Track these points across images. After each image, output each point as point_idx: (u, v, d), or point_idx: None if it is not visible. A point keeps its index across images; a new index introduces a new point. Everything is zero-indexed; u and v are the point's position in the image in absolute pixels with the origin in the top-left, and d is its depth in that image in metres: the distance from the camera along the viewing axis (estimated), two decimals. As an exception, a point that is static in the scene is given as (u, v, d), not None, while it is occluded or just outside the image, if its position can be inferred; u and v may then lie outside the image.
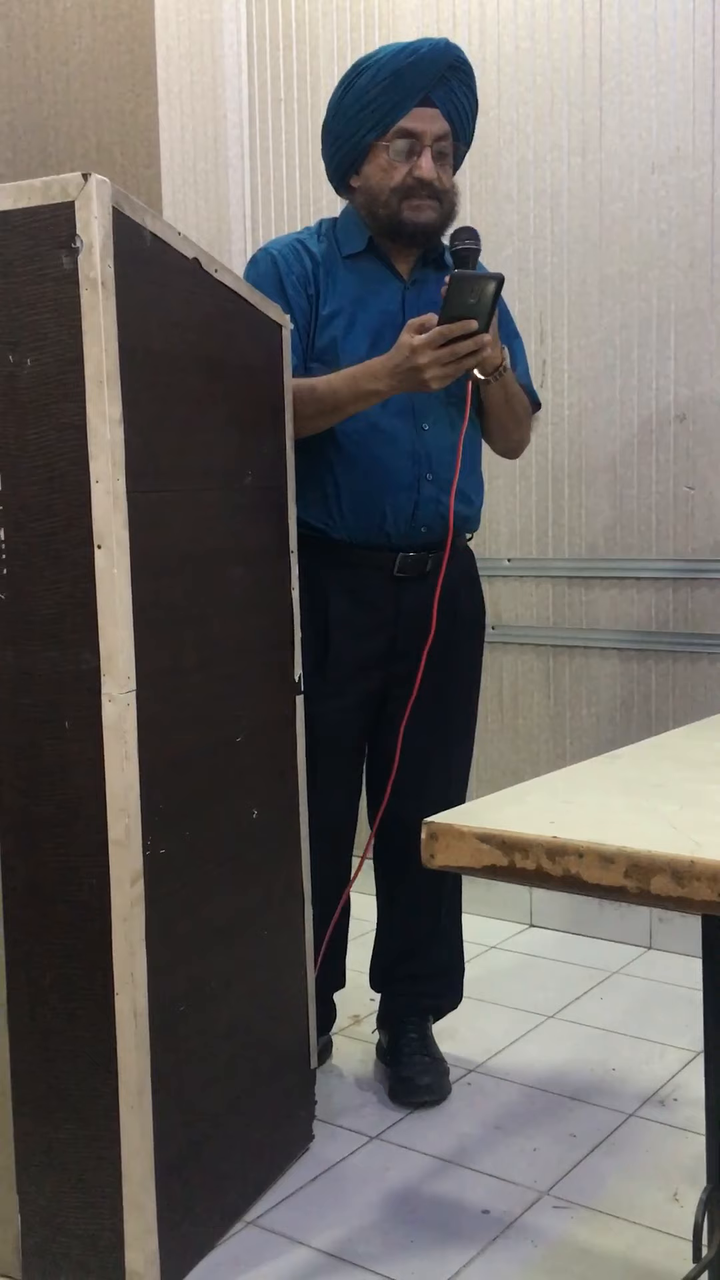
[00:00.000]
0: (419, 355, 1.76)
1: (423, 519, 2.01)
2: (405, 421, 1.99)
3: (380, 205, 1.97)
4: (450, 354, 1.75)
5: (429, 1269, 1.66)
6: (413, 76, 1.90)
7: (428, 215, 1.96)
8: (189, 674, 1.63)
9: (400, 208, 1.95)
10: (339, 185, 2.05)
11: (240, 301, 1.75)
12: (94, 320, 1.43)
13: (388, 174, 1.95)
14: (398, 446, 1.98)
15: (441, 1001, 2.26)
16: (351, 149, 1.97)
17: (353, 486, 1.99)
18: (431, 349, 1.75)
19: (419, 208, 1.95)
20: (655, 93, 2.63)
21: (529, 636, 2.88)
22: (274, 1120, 1.86)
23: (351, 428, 1.96)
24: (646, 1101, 2.09)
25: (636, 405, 2.71)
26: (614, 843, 0.98)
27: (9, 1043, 1.59)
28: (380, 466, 1.98)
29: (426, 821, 1.09)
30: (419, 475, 1.99)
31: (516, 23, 2.78)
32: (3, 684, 1.54)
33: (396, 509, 1.99)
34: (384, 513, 1.99)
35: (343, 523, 2.01)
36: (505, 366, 1.95)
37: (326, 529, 2.01)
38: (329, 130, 2.01)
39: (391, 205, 1.95)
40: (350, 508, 2.00)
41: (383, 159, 1.95)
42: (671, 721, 2.69)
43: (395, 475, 1.98)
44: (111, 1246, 1.56)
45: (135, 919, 1.51)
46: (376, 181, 1.96)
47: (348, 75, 1.95)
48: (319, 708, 2.00)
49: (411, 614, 2.04)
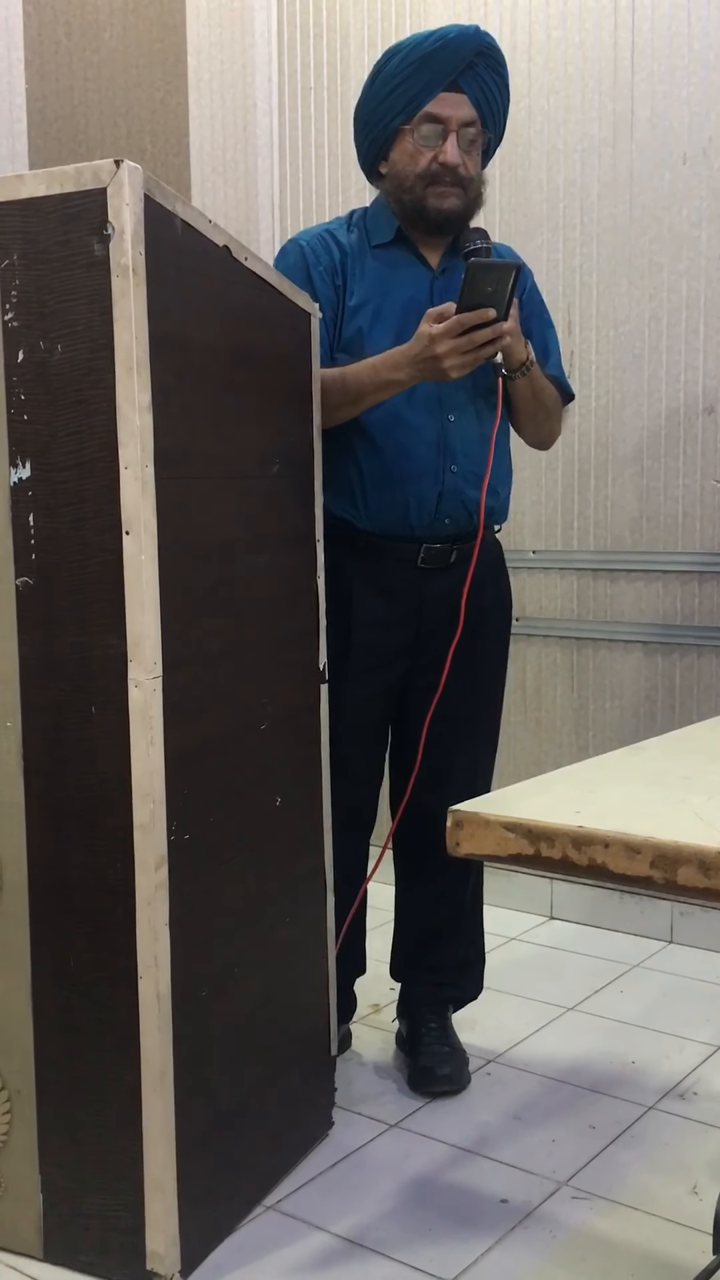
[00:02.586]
0: (437, 344, 1.76)
1: (446, 510, 2.01)
2: (430, 412, 1.98)
3: (405, 191, 1.97)
4: (468, 343, 1.76)
5: (447, 1257, 1.67)
6: (440, 61, 1.90)
7: (451, 202, 1.95)
8: (215, 660, 1.63)
9: (425, 194, 1.95)
10: (370, 173, 2.05)
11: (269, 290, 1.75)
12: (124, 307, 1.44)
13: (413, 159, 1.94)
14: (422, 437, 1.98)
15: (462, 992, 2.26)
16: (380, 134, 1.97)
17: (377, 477, 1.99)
18: (449, 338, 1.75)
19: (443, 194, 1.95)
20: (687, 83, 2.62)
21: (553, 628, 2.88)
22: (294, 1106, 1.87)
23: (376, 418, 1.96)
24: (666, 1094, 2.09)
25: (664, 397, 2.70)
26: (641, 833, 0.98)
27: (33, 1025, 1.60)
28: (404, 457, 1.98)
29: (452, 810, 1.09)
30: (443, 466, 1.99)
31: (548, 11, 2.77)
32: (30, 668, 1.55)
33: (420, 499, 1.99)
34: (407, 503, 1.99)
35: (367, 513, 2.01)
36: (531, 361, 1.95)
37: (352, 519, 2.01)
38: (359, 117, 2.01)
39: (416, 191, 1.95)
40: (374, 498, 2.00)
41: (408, 144, 1.94)
42: (695, 715, 2.68)
43: (419, 465, 1.98)
44: (132, 1228, 1.57)
45: (159, 903, 1.51)
46: (402, 167, 1.96)
47: (379, 61, 1.95)
48: (342, 696, 2.00)
49: (435, 605, 2.04)
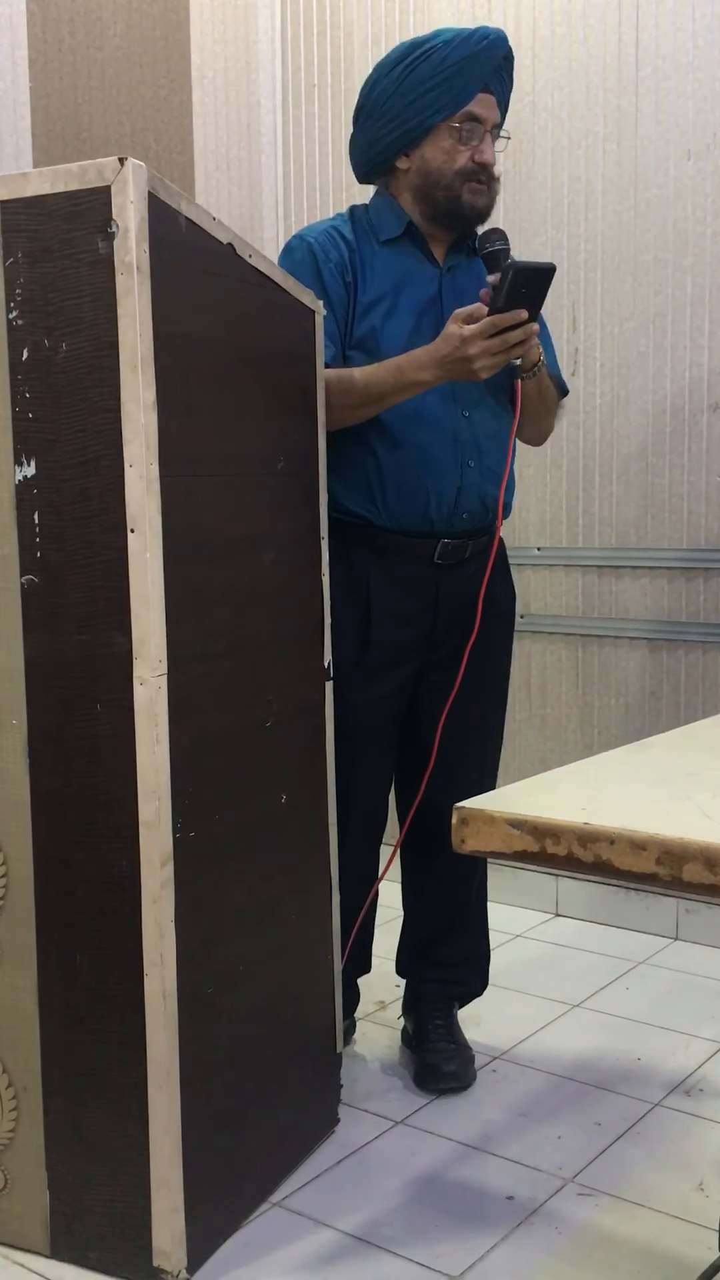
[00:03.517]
0: (470, 345, 1.77)
1: (464, 504, 2.01)
2: (448, 409, 1.99)
3: (440, 187, 1.97)
4: (501, 344, 1.78)
5: (453, 1253, 1.67)
6: (482, 62, 1.92)
7: (485, 199, 1.99)
8: (220, 658, 1.63)
9: (462, 190, 1.97)
10: (379, 167, 2.03)
11: (274, 287, 1.75)
12: (129, 305, 1.44)
13: (450, 156, 1.96)
14: (440, 433, 1.98)
15: (467, 989, 2.26)
16: (412, 129, 1.96)
17: (396, 473, 1.99)
18: (483, 339, 1.77)
19: (478, 191, 1.98)
20: (691, 79, 2.61)
21: (558, 626, 2.88)
22: (300, 1103, 1.87)
23: (394, 415, 1.97)
24: (672, 1091, 2.09)
25: (669, 394, 2.70)
26: (646, 829, 0.98)
27: (39, 1022, 1.61)
28: (424, 452, 1.98)
29: (457, 807, 1.09)
30: (462, 461, 1.99)
31: (552, 8, 2.76)
32: (35, 666, 1.55)
33: (440, 494, 1.99)
34: (427, 498, 1.99)
35: (386, 509, 2.01)
36: (542, 362, 1.97)
37: (370, 516, 2.01)
38: (380, 111, 1.97)
39: (454, 187, 1.97)
40: (393, 494, 2.00)
41: (447, 141, 1.95)
42: (700, 712, 2.68)
43: (438, 460, 1.99)
44: (139, 1225, 1.57)
45: (165, 901, 1.52)
46: (438, 164, 1.97)
47: (408, 57, 1.93)
48: (358, 695, 2.01)
49: (450, 601, 2.05)
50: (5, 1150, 1.65)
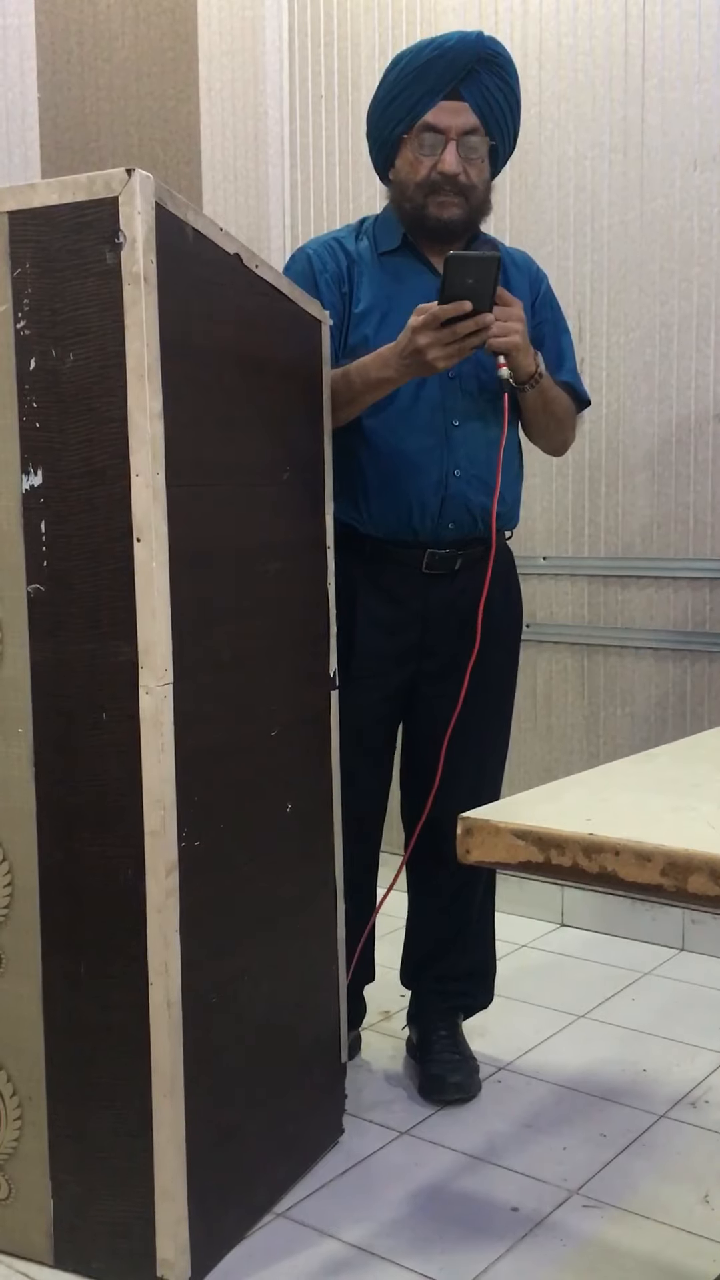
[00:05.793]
0: (419, 337, 1.75)
1: (450, 514, 2.00)
2: (434, 418, 1.99)
3: (406, 200, 1.98)
4: (450, 334, 1.74)
5: (457, 1265, 1.66)
6: (438, 70, 1.90)
7: (453, 212, 1.95)
8: (225, 667, 1.63)
9: (425, 203, 1.95)
10: (383, 179, 2.06)
11: (280, 298, 1.75)
12: (136, 315, 1.44)
13: (413, 169, 1.96)
14: (425, 441, 1.98)
15: (472, 999, 2.26)
16: (385, 143, 1.99)
17: (379, 480, 1.99)
18: (430, 330, 1.74)
19: (444, 204, 1.95)
20: (697, 90, 2.62)
21: (564, 635, 2.87)
22: (304, 1113, 1.86)
23: (379, 422, 1.97)
24: (678, 1103, 2.09)
25: (675, 403, 2.70)
26: (651, 841, 0.98)
27: (44, 1031, 1.61)
28: (407, 461, 1.98)
29: (462, 817, 1.08)
30: (446, 470, 1.99)
31: (558, 19, 2.77)
32: (41, 675, 1.55)
33: (423, 503, 1.99)
34: (410, 507, 1.99)
35: (370, 518, 2.01)
36: (540, 374, 1.94)
37: (355, 524, 2.01)
38: (369, 126, 2.03)
39: (416, 200, 1.96)
40: (377, 502, 2.00)
41: (410, 154, 1.96)
42: (707, 723, 2.68)
43: (422, 469, 1.98)
44: (143, 1235, 1.57)
45: (170, 910, 1.51)
46: (403, 177, 1.98)
47: (386, 70, 1.96)
48: (344, 701, 2.00)
49: (441, 612, 2.04)
50: (9, 1159, 1.65)
